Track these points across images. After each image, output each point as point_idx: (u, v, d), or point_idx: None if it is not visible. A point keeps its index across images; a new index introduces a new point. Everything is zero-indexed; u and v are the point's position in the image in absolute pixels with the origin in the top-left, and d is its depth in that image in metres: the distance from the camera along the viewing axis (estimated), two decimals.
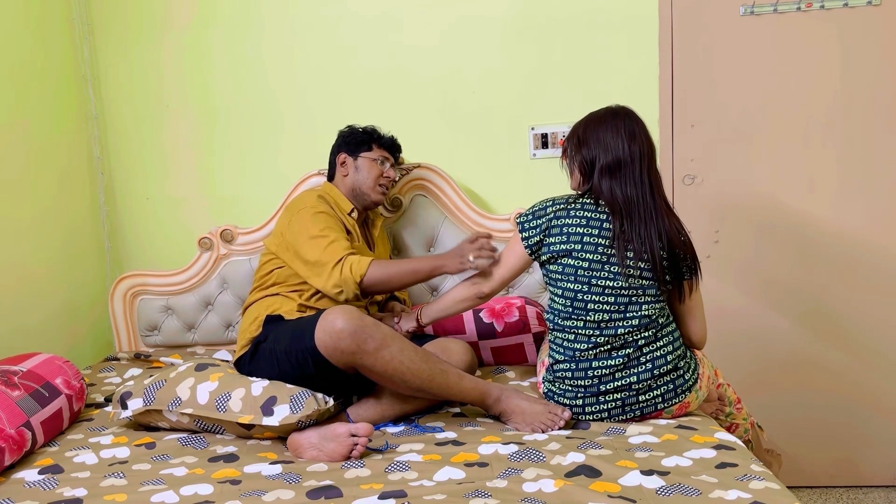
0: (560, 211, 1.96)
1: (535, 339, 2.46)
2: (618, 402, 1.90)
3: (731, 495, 1.45)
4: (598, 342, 1.90)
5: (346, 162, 2.44)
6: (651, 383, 1.88)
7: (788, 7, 2.63)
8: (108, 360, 2.71)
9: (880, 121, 2.65)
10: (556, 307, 1.97)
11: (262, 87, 2.86)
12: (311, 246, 2.19)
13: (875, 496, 2.77)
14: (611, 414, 1.92)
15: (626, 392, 1.89)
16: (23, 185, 2.56)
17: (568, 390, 1.95)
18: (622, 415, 1.91)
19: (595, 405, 1.92)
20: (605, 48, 2.73)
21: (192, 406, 1.95)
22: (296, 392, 1.91)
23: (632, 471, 1.58)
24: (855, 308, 2.75)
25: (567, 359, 1.94)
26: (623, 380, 1.88)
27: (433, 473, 1.64)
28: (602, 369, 1.89)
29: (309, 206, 2.29)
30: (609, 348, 1.90)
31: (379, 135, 2.49)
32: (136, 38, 2.87)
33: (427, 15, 2.78)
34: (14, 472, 1.77)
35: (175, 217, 2.94)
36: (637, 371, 1.88)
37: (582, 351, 1.91)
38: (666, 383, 1.89)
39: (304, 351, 1.95)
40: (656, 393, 1.89)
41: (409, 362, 1.91)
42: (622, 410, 1.91)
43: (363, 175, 2.42)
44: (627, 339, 1.89)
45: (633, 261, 1.88)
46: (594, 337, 1.90)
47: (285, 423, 1.86)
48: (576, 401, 1.93)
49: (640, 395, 1.89)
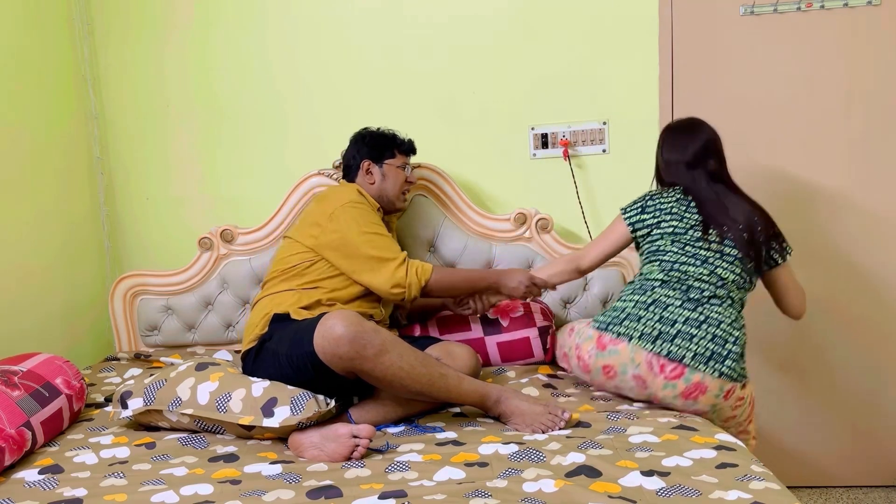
0: (655, 195, 2.22)
1: (541, 332, 2.46)
2: (655, 329, 1.97)
3: (732, 496, 1.45)
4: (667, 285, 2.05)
5: (371, 170, 2.43)
6: (692, 335, 1.95)
7: (788, 7, 2.63)
8: (108, 360, 2.71)
9: (881, 121, 2.65)
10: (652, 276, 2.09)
11: (263, 87, 2.86)
12: (366, 241, 2.21)
13: (875, 496, 2.77)
14: (641, 336, 1.97)
15: (665, 325, 1.97)
16: (23, 185, 2.56)
17: (617, 305, 2.08)
18: (650, 345, 1.95)
19: (631, 324, 2.01)
20: (606, 48, 2.73)
21: (192, 406, 1.95)
22: (296, 394, 1.91)
23: (632, 471, 1.58)
24: (855, 309, 2.75)
25: (638, 277, 2.13)
26: (676, 314, 1.99)
27: (433, 473, 1.64)
28: (660, 294, 2.03)
29: (353, 201, 2.28)
30: (681, 301, 2.01)
31: (400, 140, 2.48)
32: (136, 38, 2.87)
33: (427, 15, 2.78)
34: (14, 472, 1.77)
35: (175, 217, 2.94)
36: (692, 312, 1.98)
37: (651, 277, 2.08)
38: (704, 347, 1.94)
39: (304, 356, 1.95)
40: (691, 348, 1.94)
41: (408, 367, 1.90)
42: (653, 341, 1.96)
43: (390, 183, 2.42)
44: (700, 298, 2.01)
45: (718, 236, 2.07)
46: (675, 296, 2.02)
47: (285, 425, 1.86)
48: (621, 314, 2.04)
49: (675, 338, 1.95)
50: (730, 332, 1.97)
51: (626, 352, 1.98)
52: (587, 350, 2.08)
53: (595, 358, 2.05)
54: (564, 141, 2.77)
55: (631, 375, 1.99)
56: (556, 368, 2.42)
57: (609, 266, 2.70)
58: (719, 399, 1.96)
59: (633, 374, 1.98)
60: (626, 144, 2.78)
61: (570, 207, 2.80)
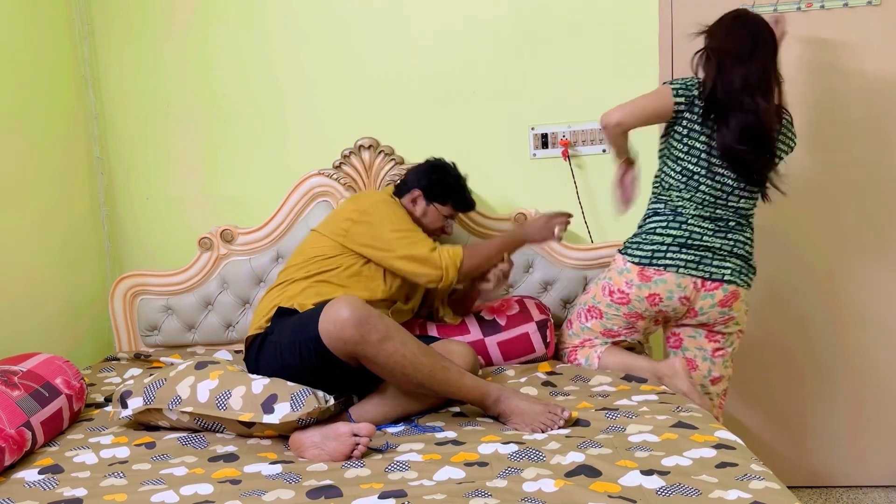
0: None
1: (539, 326, 2.46)
2: (695, 257, 2.22)
3: (732, 495, 1.45)
4: (698, 213, 2.24)
5: (417, 200, 2.44)
6: (725, 256, 2.22)
7: (788, 7, 2.64)
8: (108, 360, 2.71)
9: (880, 121, 2.65)
10: (669, 181, 2.29)
11: (263, 87, 2.86)
12: (399, 238, 2.27)
13: (875, 496, 2.77)
14: (686, 264, 2.21)
15: (707, 252, 2.22)
16: (23, 186, 2.56)
17: (654, 239, 2.26)
18: (694, 271, 2.21)
19: (678, 254, 2.22)
20: (606, 48, 2.73)
21: (192, 404, 1.95)
22: (296, 390, 1.91)
23: (632, 471, 1.58)
24: (855, 309, 2.75)
25: (669, 211, 2.27)
26: (710, 242, 2.22)
27: (433, 473, 1.64)
28: (694, 227, 2.23)
29: (387, 201, 2.37)
30: (707, 216, 2.23)
31: (461, 196, 2.48)
32: (136, 38, 2.87)
33: (428, 15, 2.78)
34: (14, 472, 1.77)
35: (175, 217, 2.94)
36: (722, 240, 2.22)
37: (683, 212, 2.25)
38: (737, 263, 2.23)
39: (308, 341, 1.95)
40: (727, 266, 2.22)
41: (410, 355, 1.90)
42: (696, 268, 2.22)
43: (426, 223, 2.44)
44: (723, 217, 2.24)
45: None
46: (697, 208, 2.24)
47: (286, 421, 1.86)
48: (660, 247, 2.24)
49: (713, 261, 2.22)
50: (750, 249, 2.27)
51: (673, 279, 2.23)
52: (625, 282, 2.29)
53: (638, 288, 2.27)
54: (564, 141, 2.77)
55: (677, 298, 2.25)
56: (554, 365, 2.43)
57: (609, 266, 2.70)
58: (743, 304, 2.28)
59: (679, 297, 2.25)
60: None
61: (570, 207, 2.79)
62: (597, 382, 2.24)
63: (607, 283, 2.36)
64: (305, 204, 2.75)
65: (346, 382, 2.05)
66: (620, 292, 2.32)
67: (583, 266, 2.72)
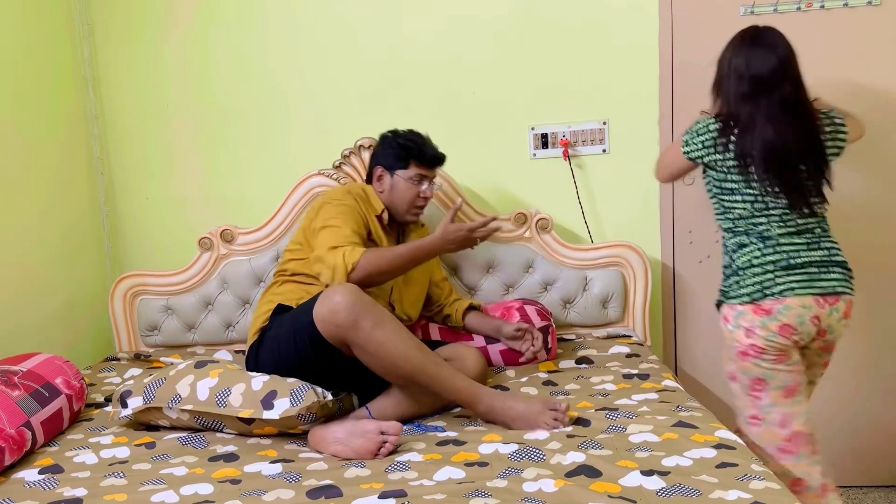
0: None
1: (541, 332, 2.46)
2: (804, 276, 2.08)
3: (732, 495, 1.45)
4: (784, 231, 2.11)
5: (382, 177, 2.34)
6: (828, 268, 2.10)
7: (788, 7, 2.64)
8: (108, 360, 2.71)
9: (880, 122, 2.65)
10: (737, 211, 2.14)
11: (263, 87, 2.86)
12: (321, 236, 2.15)
13: (875, 496, 2.77)
14: (801, 285, 2.07)
15: (811, 267, 2.09)
16: (23, 185, 2.56)
17: (755, 272, 2.10)
18: (810, 288, 2.07)
19: (786, 278, 2.08)
20: (606, 48, 2.74)
21: (192, 402, 1.95)
22: (296, 386, 1.90)
23: (632, 471, 1.58)
24: (855, 309, 2.74)
25: (755, 239, 2.13)
26: (809, 257, 2.10)
27: (433, 473, 1.64)
28: (788, 246, 2.10)
29: (334, 199, 2.25)
30: (794, 231, 2.11)
31: (419, 149, 2.32)
32: (136, 38, 2.87)
33: (428, 15, 2.78)
34: (14, 472, 1.77)
35: (175, 217, 2.94)
36: (818, 252, 2.11)
37: (770, 234, 2.11)
38: (841, 272, 2.11)
39: (303, 328, 1.94)
40: (833, 278, 2.10)
41: (403, 346, 1.87)
42: (810, 285, 2.08)
43: (398, 196, 2.32)
44: (809, 227, 2.12)
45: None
46: (781, 226, 2.11)
47: (285, 417, 1.85)
48: (765, 276, 2.09)
49: (820, 275, 2.09)
50: (841, 254, 2.15)
51: (795, 303, 2.07)
52: (745, 331, 2.11)
53: (763, 326, 2.09)
54: (564, 141, 2.77)
55: (808, 320, 2.08)
56: (556, 364, 2.42)
57: (609, 266, 2.71)
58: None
59: (810, 318, 2.08)
60: (626, 144, 2.78)
61: (570, 207, 2.80)
62: (598, 381, 2.24)
63: (735, 349, 2.14)
64: (305, 204, 2.75)
65: (343, 377, 2.03)
66: (752, 346, 2.10)
67: (583, 266, 2.72)
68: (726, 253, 2.21)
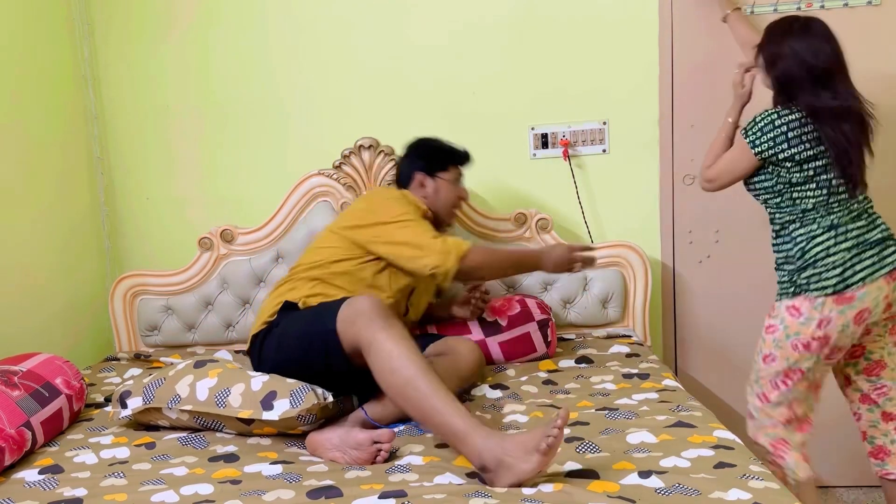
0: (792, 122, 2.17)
1: (540, 326, 2.47)
2: (875, 256, 2.12)
3: (731, 495, 1.45)
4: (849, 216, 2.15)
5: (424, 183, 2.39)
6: (889, 242, 2.15)
7: (788, 7, 2.63)
8: (108, 361, 2.71)
9: (881, 121, 2.65)
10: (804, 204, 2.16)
11: (263, 87, 2.86)
12: (400, 227, 2.18)
13: (875, 496, 2.77)
14: (874, 267, 2.10)
15: (877, 245, 2.13)
16: (23, 186, 2.56)
17: (834, 262, 2.11)
18: (879, 270, 2.10)
19: (861, 262, 2.11)
20: (606, 49, 2.74)
21: (191, 403, 1.94)
22: (296, 387, 1.90)
23: (630, 473, 1.58)
24: None
25: (826, 228, 2.14)
26: (871, 237, 2.14)
27: (433, 477, 1.63)
28: (854, 231, 2.13)
29: (393, 197, 2.29)
30: (856, 215, 2.15)
31: (455, 152, 2.43)
32: (136, 38, 2.87)
33: (429, 16, 2.78)
34: (14, 472, 1.77)
35: (175, 217, 2.94)
36: (878, 232, 2.15)
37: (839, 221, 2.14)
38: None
39: (321, 333, 1.93)
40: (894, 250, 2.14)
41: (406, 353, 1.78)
42: (882, 265, 2.11)
43: (442, 198, 2.39)
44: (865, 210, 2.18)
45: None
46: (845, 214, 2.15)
47: (285, 418, 1.85)
48: (844, 265, 2.10)
49: (885, 249, 2.13)
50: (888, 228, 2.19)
51: (873, 288, 2.11)
52: (818, 323, 2.12)
53: (841, 314, 2.11)
54: (564, 141, 2.77)
55: (882, 302, 2.13)
56: (556, 363, 2.42)
57: (609, 266, 2.70)
58: None
59: (882, 300, 2.13)
60: (626, 144, 2.78)
61: (570, 207, 2.80)
62: (598, 380, 2.24)
63: (795, 339, 2.15)
64: (305, 204, 2.75)
65: (344, 385, 2.04)
66: (818, 339, 2.13)
67: None
68: (793, 244, 2.17)
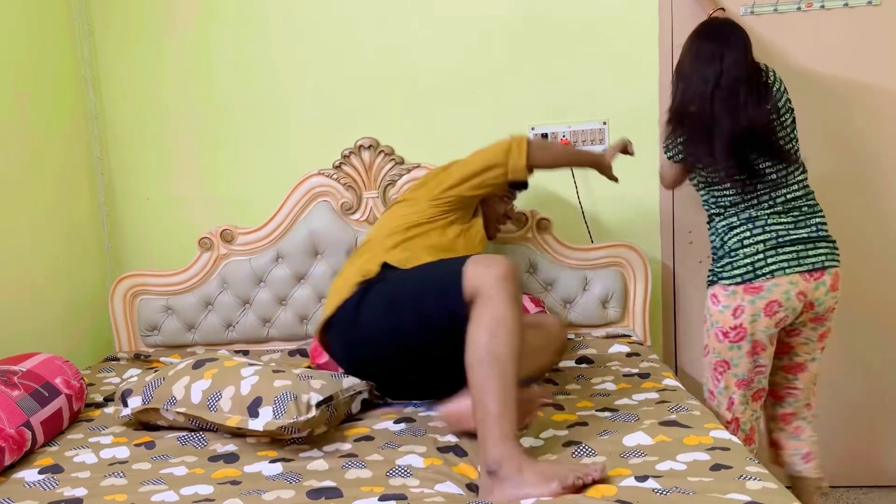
0: None
1: None
2: (791, 254, 2.17)
3: (730, 496, 1.45)
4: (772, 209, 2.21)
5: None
6: (815, 243, 2.19)
7: (788, 7, 2.63)
8: (108, 361, 2.71)
9: (881, 121, 2.65)
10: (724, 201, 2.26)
11: (263, 87, 2.86)
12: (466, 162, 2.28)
13: (875, 496, 2.77)
14: (789, 264, 2.17)
15: (799, 244, 2.18)
16: (23, 186, 2.56)
17: (746, 252, 2.20)
18: (797, 266, 2.17)
19: (776, 257, 2.17)
20: (606, 49, 2.74)
21: (185, 405, 1.94)
22: (280, 392, 1.85)
23: (626, 478, 1.57)
24: (855, 307, 2.75)
25: (745, 220, 2.22)
26: (797, 234, 2.19)
27: (434, 484, 1.62)
28: (776, 225, 2.19)
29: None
30: (780, 210, 2.21)
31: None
32: (136, 38, 2.87)
33: (429, 16, 2.78)
34: (14, 472, 1.78)
35: (175, 217, 2.94)
36: (805, 229, 2.20)
37: (759, 214, 2.21)
38: (826, 246, 2.21)
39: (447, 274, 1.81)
40: (821, 252, 2.19)
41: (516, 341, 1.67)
42: (797, 263, 2.17)
43: (489, 210, 2.42)
44: (795, 205, 2.21)
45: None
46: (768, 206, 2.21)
47: (268, 429, 1.81)
48: (756, 257, 2.18)
49: (808, 251, 2.18)
50: (826, 228, 2.24)
51: (784, 280, 2.17)
52: (733, 311, 2.21)
53: (752, 304, 2.19)
54: (564, 141, 2.77)
55: (794, 296, 2.18)
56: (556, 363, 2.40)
57: (609, 266, 2.71)
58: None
59: (795, 294, 2.18)
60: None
61: (571, 207, 2.80)
62: (598, 380, 2.24)
63: (717, 328, 2.26)
64: (305, 204, 2.76)
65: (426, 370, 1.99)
66: (734, 328, 2.22)
67: (583, 266, 2.72)
68: (716, 235, 2.30)
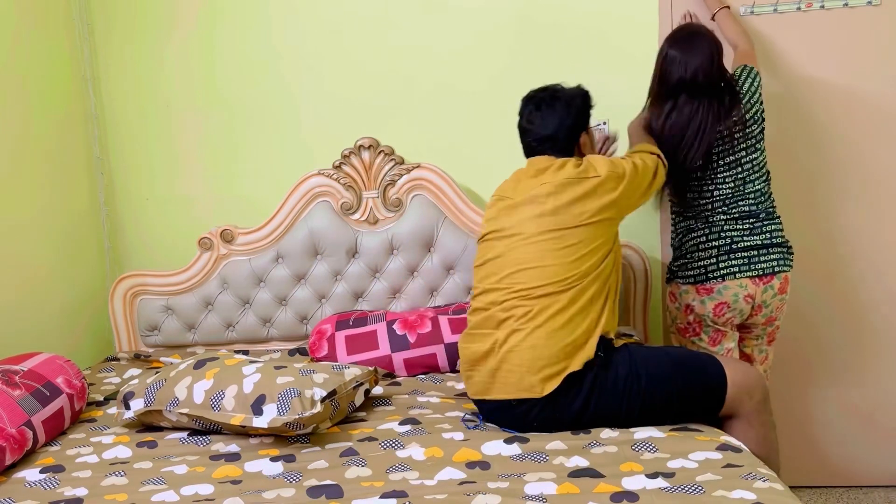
0: None
1: (448, 349, 2.43)
2: (743, 259, 2.26)
3: (735, 495, 1.45)
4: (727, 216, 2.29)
5: (584, 141, 2.21)
6: (767, 249, 2.27)
7: (788, 7, 2.64)
8: (108, 361, 2.71)
9: (880, 121, 2.66)
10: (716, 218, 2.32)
11: (263, 87, 2.86)
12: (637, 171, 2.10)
13: (875, 496, 2.77)
14: (741, 269, 2.26)
15: (752, 251, 2.27)
16: (23, 185, 2.55)
17: (701, 256, 2.30)
18: (749, 271, 2.26)
19: (728, 262, 2.27)
20: (606, 49, 2.73)
21: (188, 406, 1.94)
22: (283, 389, 1.86)
23: (637, 474, 1.57)
24: (854, 307, 2.75)
25: (702, 225, 2.31)
26: (751, 241, 2.27)
27: (434, 473, 1.63)
28: (731, 232, 2.28)
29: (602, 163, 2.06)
30: (737, 216, 2.29)
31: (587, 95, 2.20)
32: (136, 38, 2.87)
33: (430, 17, 2.78)
34: (15, 472, 1.78)
35: (175, 217, 2.93)
36: (760, 236, 2.28)
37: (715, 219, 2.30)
38: (779, 252, 2.29)
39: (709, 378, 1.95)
40: (772, 258, 2.27)
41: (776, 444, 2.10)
42: (749, 268, 2.26)
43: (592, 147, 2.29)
44: (751, 212, 2.29)
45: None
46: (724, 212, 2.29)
47: (273, 426, 1.82)
48: (709, 260, 2.28)
49: (760, 257, 2.27)
50: (784, 234, 2.33)
51: (734, 283, 2.27)
52: (687, 302, 2.34)
53: (702, 304, 2.31)
54: None
55: (742, 298, 2.28)
56: None
57: None
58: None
59: (743, 297, 2.28)
60: (625, 145, 2.77)
61: None
62: None
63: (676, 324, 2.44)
64: (305, 204, 2.75)
65: None
66: (689, 325, 2.38)
67: None
68: (676, 234, 2.41)
